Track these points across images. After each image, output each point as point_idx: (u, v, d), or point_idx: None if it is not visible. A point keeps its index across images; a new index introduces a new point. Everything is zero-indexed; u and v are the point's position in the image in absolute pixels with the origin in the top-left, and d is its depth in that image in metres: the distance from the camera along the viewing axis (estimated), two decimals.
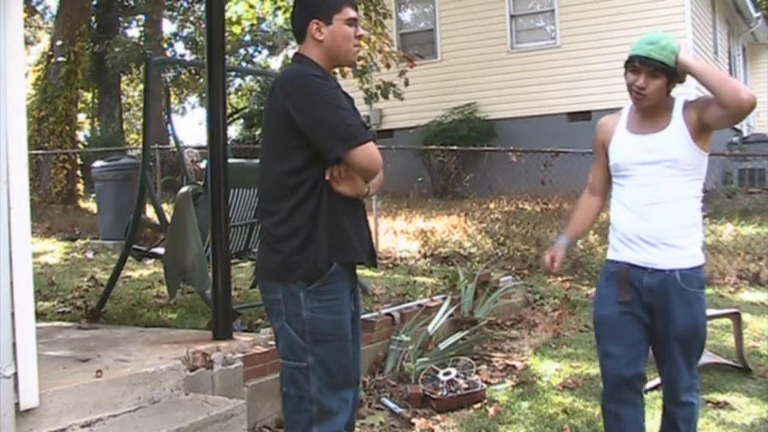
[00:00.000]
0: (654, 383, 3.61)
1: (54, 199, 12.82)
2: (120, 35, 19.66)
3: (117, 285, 5.56)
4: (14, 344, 2.59)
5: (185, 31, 24.75)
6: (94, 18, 18.52)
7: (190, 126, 46.89)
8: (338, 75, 8.85)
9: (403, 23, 15.60)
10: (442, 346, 4.70)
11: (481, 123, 13.66)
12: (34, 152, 12.55)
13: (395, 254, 8.47)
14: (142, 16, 21.32)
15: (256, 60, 27.95)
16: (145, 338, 4.01)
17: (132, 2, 21.44)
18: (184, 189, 4.75)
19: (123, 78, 22.27)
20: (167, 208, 6.19)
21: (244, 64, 26.92)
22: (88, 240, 9.87)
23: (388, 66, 10.86)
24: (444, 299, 5.22)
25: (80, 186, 14.36)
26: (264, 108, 2.46)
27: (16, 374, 2.60)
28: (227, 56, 8.36)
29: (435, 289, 6.10)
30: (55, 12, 15.06)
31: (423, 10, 15.43)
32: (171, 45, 24.03)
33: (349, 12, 2.39)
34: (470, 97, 13.94)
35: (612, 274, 2.79)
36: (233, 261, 5.00)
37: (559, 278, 7.24)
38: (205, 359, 3.50)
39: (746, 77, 20.01)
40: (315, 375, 2.30)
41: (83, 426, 2.85)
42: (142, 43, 18.90)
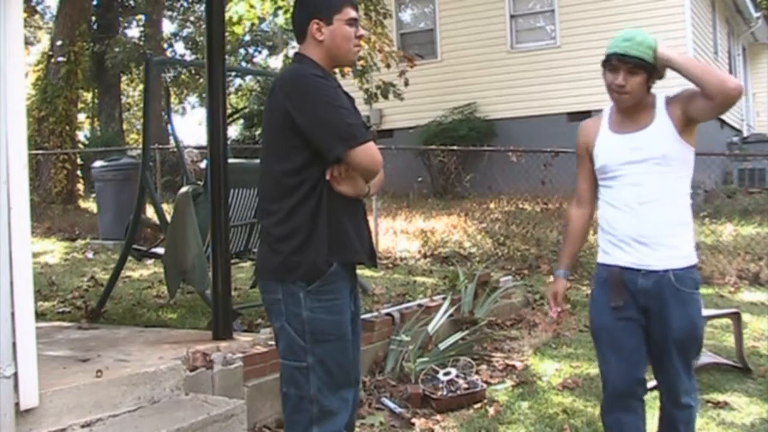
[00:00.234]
0: (654, 383, 3.61)
1: (54, 199, 12.83)
2: (120, 35, 19.66)
3: (117, 285, 5.56)
4: (14, 344, 2.59)
5: (185, 31, 24.76)
6: (94, 18, 18.52)
7: (190, 126, 46.87)
8: (338, 75, 8.84)
9: (403, 23, 15.60)
10: (442, 346, 4.70)
11: (481, 123, 13.66)
12: (34, 152, 12.55)
13: (395, 254, 8.47)
14: (142, 16, 21.33)
15: (256, 60, 28.00)
16: (145, 338, 4.01)
17: (132, 2, 21.44)
18: (184, 189, 4.75)
19: (123, 78, 22.27)
20: (167, 208, 6.19)
21: (244, 64, 26.92)
22: (88, 240, 9.87)
23: (388, 66, 10.86)
24: (444, 299, 5.22)
25: (80, 186, 14.37)
26: (264, 108, 2.46)
27: (16, 374, 2.60)
28: (227, 56, 8.35)
29: (435, 289, 6.10)
30: (55, 12, 15.07)
31: (423, 10, 15.43)
32: (171, 45, 24.05)
33: (350, 12, 2.39)
34: (470, 97, 13.93)
35: (604, 280, 2.74)
36: (233, 261, 4.99)
37: None
38: (205, 359, 3.50)
39: (746, 77, 19.99)
40: (315, 375, 2.29)
41: (83, 426, 2.85)
42: (142, 43, 18.90)
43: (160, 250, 5.15)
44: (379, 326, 4.56)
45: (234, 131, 19.97)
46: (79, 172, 14.15)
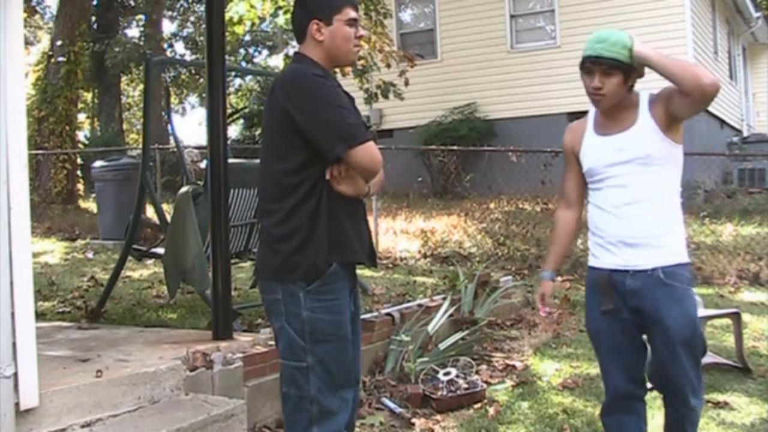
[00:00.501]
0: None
1: (54, 199, 12.83)
2: (120, 35, 19.65)
3: (117, 285, 5.56)
4: (14, 344, 2.59)
5: (185, 31, 24.75)
6: (94, 18, 18.51)
7: (190, 126, 46.89)
8: (338, 75, 8.84)
9: (403, 23, 15.60)
10: (442, 346, 4.70)
11: (481, 123, 13.66)
12: (34, 152, 12.56)
13: (395, 254, 8.47)
14: (142, 16, 21.33)
15: (256, 60, 28.00)
16: (145, 338, 4.01)
17: (132, 2, 21.43)
18: (184, 189, 4.75)
19: (123, 78, 22.27)
20: (167, 208, 6.19)
21: (244, 64, 26.91)
22: (88, 240, 9.88)
23: (389, 66, 10.87)
24: (444, 299, 5.22)
25: (80, 186, 14.37)
26: (264, 108, 2.46)
27: (16, 374, 2.60)
28: (227, 56, 8.35)
29: (435, 289, 6.10)
30: (55, 12, 15.07)
31: (423, 10, 15.43)
32: (171, 45, 24.05)
33: (350, 12, 2.39)
34: (470, 97, 13.93)
35: (594, 284, 2.72)
36: (233, 261, 4.99)
37: (559, 278, 7.24)
38: (205, 359, 3.50)
39: (746, 77, 20.00)
40: (315, 375, 2.29)
41: (83, 426, 2.85)
42: (142, 43, 18.90)
43: (160, 250, 5.15)
44: (379, 326, 4.56)
45: (234, 131, 19.97)
46: (79, 172, 14.15)
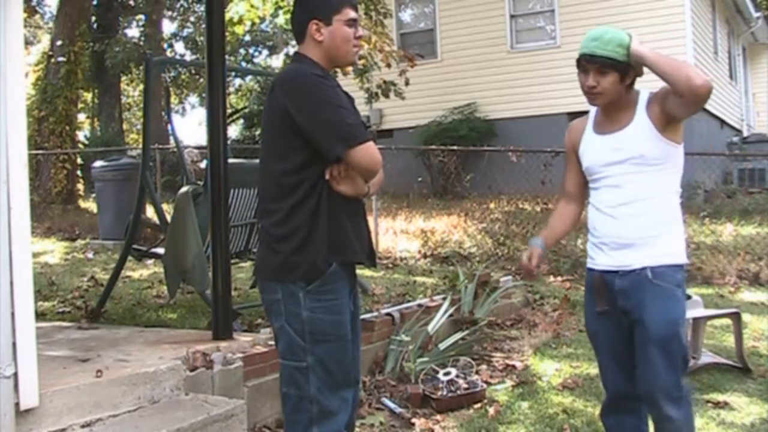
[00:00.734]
0: None
1: (54, 199, 12.82)
2: (120, 35, 19.64)
3: (117, 285, 5.56)
4: (14, 344, 2.59)
5: (185, 31, 24.74)
6: (94, 18, 18.51)
7: (190, 126, 46.95)
8: (339, 74, 8.85)
9: (403, 23, 15.60)
10: (442, 346, 4.70)
11: (481, 123, 13.66)
12: (34, 152, 12.55)
13: (395, 254, 8.47)
14: (142, 16, 21.31)
15: (256, 60, 27.98)
16: (145, 338, 4.01)
17: (132, 2, 21.42)
18: (184, 189, 4.75)
19: (123, 78, 22.25)
20: (167, 208, 6.19)
21: (244, 64, 26.91)
22: (88, 240, 9.87)
23: (389, 66, 10.87)
24: (444, 299, 5.22)
25: (80, 186, 14.37)
26: (264, 107, 2.46)
27: (16, 374, 2.60)
28: (227, 56, 8.35)
29: (435, 289, 6.10)
30: (55, 12, 15.06)
31: (423, 10, 15.43)
32: (171, 45, 24.03)
33: (349, 13, 2.39)
34: (470, 97, 13.93)
35: (590, 285, 2.71)
36: (233, 261, 5.00)
37: (559, 278, 7.24)
38: (205, 359, 3.50)
39: (746, 77, 20.00)
40: (315, 375, 2.29)
41: (83, 426, 2.85)
42: (142, 43, 18.89)
43: (160, 250, 5.15)
44: (379, 326, 4.56)
45: (234, 131, 19.97)
46: (79, 172, 14.15)
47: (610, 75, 2.50)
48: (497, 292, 5.69)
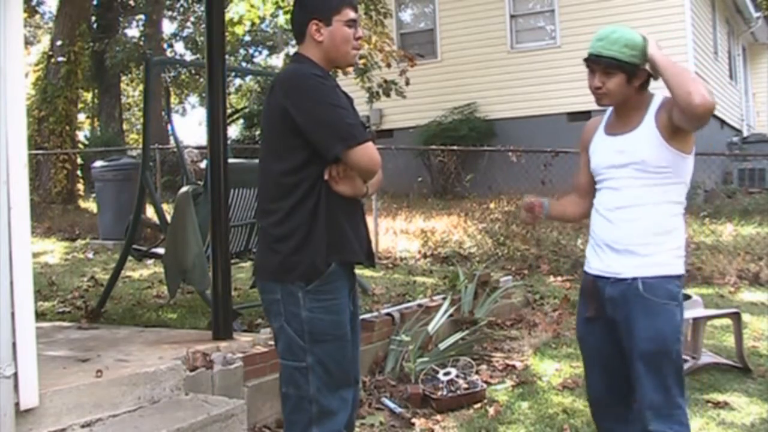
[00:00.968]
0: None
1: (54, 199, 12.82)
2: (120, 35, 19.64)
3: (117, 285, 5.56)
4: (14, 344, 2.59)
5: (185, 31, 24.74)
6: (94, 18, 18.50)
7: (190, 126, 47.00)
8: (340, 74, 8.84)
9: (403, 23, 15.60)
10: (442, 346, 4.70)
11: (481, 123, 13.65)
12: (34, 152, 12.55)
13: (395, 254, 8.47)
14: (142, 16, 21.31)
15: (256, 60, 28.00)
16: (145, 338, 4.01)
17: (132, 2, 21.42)
18: (184, 189, 4.75)
19: (123, 78, 22.26)
20: (167, 208, 6.19)
21: (244, 64, 26.91)
22: (88, 240, 9.87)
23: (389, 66, 10.86)
24: (444, 299, 5.22)
25: (80, 186, 14.36)
26: (263, 107, 2.46)
27: (16, 374, 2.60)
28: (227, 56, 8.35)
29: (435, 289, 6.10)
30: (55, 12, 15.05)
31: (423, 10, 15.43)
32: (171, 45, 24.04)
33: (349, 13, 2.39)
34: (470, 97, 13.93)
35: (583, 288, 2.66)
36: (233, 261, 5.00)
37: (559, 278, 7.25)
38: (205, 359, 3.50)
39: (746, 77, 20.00)
40: (314, 375, 2.30)
41: (83, 426, 2.85)
42: (142, 43, 18.89)
43: (160, 250, 5.15)
44: (379, 326, 4.56)
45: (234, 131, 19.96)
46: (79, 172, 14.14)
47: (616, 76, 2.45)
48: (497, 292, 5.69)
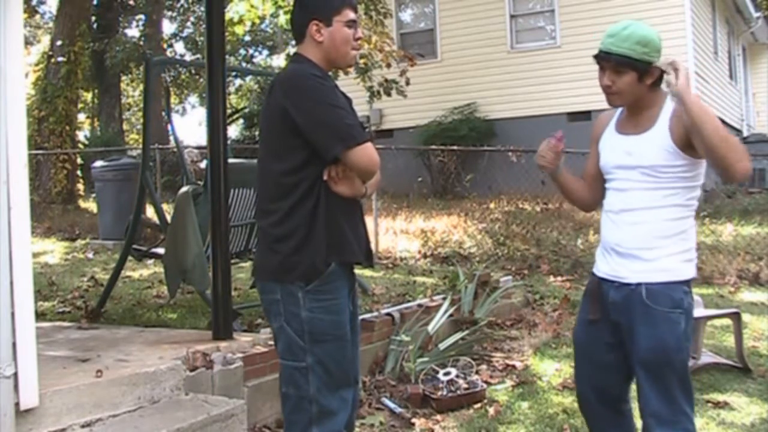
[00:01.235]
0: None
1: (54, 199, 12.81)
2: (120, 35, 19.64)
3: (117, 285, 5.56)
4: (14, 344, 2.59)
5: (185, 31, 24.74)
6: (94, 18, 18.50)
7: (190, 126, 46.98)
8: (341, 74, 8.84)
9: (403, 23, 15.59)
10: (442, 346, 4.70)
11: (481, 123, 13.65)
12: (34, 152, 12.54)
13: (395, 254, 8.47)
14: (142, 16, 21.32)
15: (256, 60, 27.99)
16: (145, 338, 4.01)
17: (132, 2, 21.43)
18: (184, 189, 4.75)
19: (123, 78, 22.26)
20: (167, 208, 6.19)
21: (244, 64, 26.91)
22: (88, 240, 9.87)
23: (389, 65, 10.86)
24: (444, 299, 5.22)
25: (80, 186, 14.36)
26: (262, 107, 2.46)
27: (16, 374, 2.60)
28: (227, 56, 8.35)
29: (435, 289, 6.10)
30: (55, 12, 15.06)
31: (423, 10, 15.42)
32: (171, 45, 24.04)
33: (349, 14, 2.39)
34: (470, 97, 13.93)
35: (588, 290, 2.60)
36: (233, 261, 5.00)
37: (559, 278, 7.25)
38: (205, 359, 3.50)
39: (746, 77, 20.00)
40: (314, 375, 2.30)
41: (83, 426, 2.85)
42: (142, 43, 18.89)
43: (160, 250, 5.15)
44: (379, 326, 4.56)
45: (234, 131, 19.97)
46: (79, 172, 14.14)
47: (627, 74, 2.33)
48: (497, 292, 5.69)
